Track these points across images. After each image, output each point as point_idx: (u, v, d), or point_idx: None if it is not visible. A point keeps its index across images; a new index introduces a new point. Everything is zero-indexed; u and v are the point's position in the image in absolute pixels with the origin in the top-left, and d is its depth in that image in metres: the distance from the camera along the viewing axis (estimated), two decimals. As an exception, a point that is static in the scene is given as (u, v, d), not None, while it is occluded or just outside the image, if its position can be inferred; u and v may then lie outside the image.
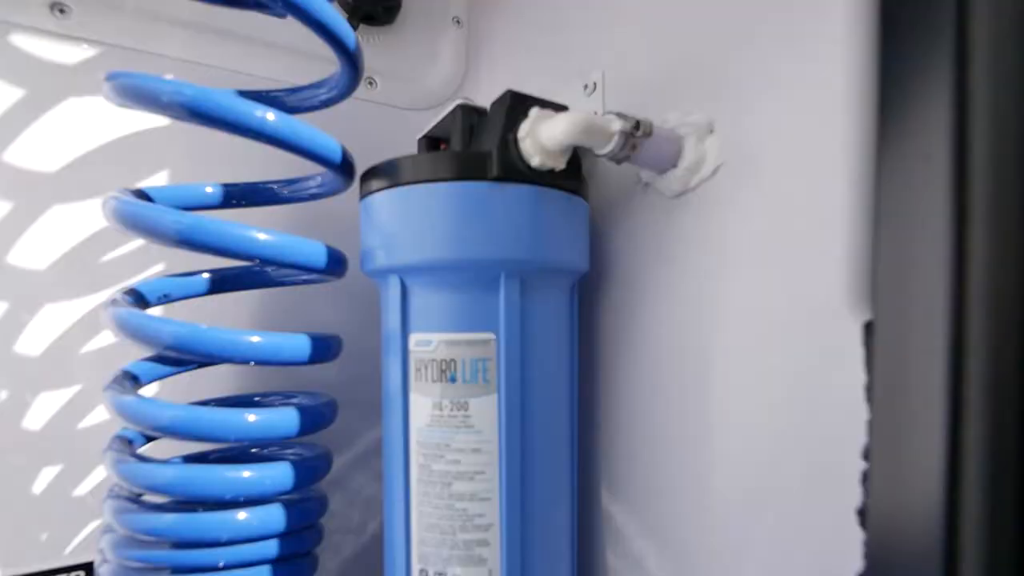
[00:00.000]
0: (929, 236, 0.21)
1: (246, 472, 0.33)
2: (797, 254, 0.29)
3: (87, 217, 0.42)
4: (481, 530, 0.31)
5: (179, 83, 0.27)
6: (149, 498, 0.34)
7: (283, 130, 0.30)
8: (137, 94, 0.27)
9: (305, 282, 0.42)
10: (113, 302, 0.32)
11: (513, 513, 0.31)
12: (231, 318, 0.47)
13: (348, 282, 0.44)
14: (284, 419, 0.34)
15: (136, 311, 0.30)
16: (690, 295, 0.34)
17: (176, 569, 0.33)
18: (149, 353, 0.35)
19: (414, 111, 0.56)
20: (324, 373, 0.49)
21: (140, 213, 0.29)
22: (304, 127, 0.31)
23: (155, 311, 0.37)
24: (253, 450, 0.42)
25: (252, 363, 0.32)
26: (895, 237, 0.22)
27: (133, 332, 0.30)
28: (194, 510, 0.33)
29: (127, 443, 0.34)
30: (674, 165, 0.34)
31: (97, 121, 0.42)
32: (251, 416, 0.33)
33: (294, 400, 0.42)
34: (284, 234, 0.32)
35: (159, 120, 0.44)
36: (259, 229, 0.30)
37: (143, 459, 0.32)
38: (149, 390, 0.41)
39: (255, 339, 0.32)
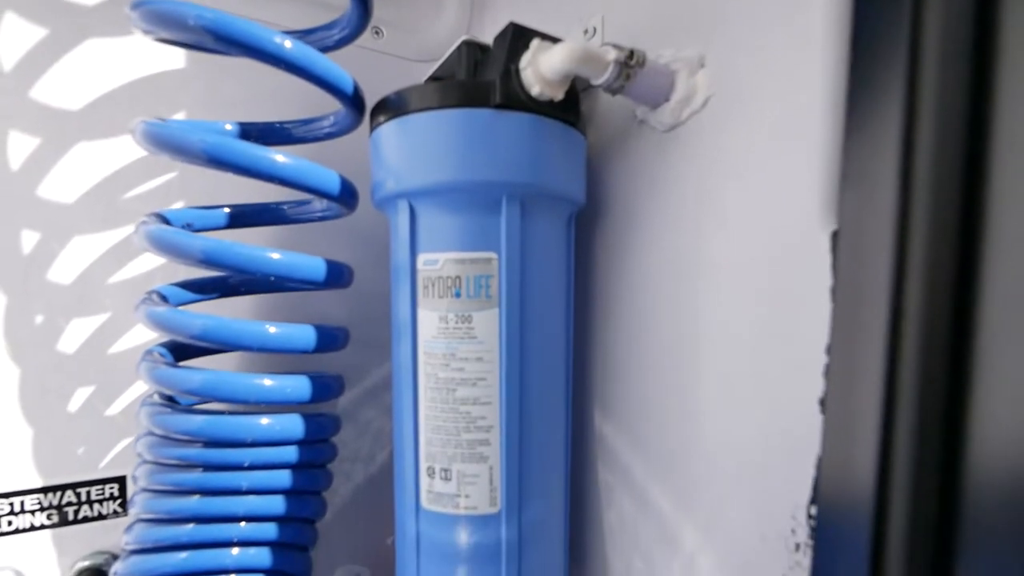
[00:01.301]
0: (883, 165, 0.24)
1: (268, 380, 0.36)
2: (777, 177, 0.31)
3: (111, 153, 0.44)
4: (483, 431, 0.35)
5: (202, 7, 0.29)
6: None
7: (299, 57, 0.32)
8: (163, 18, 0.29)
9: (321, 218, 0.44)
10: (143, 222, 0.35)
11: (512, 416, 0.35)
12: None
13: (358, 225, 0.47)
14: (302, 334, 0.37)
15: (168, 228, 0.33)
16: (680, 224, 0.37)
17: (207, 466, 0.36)
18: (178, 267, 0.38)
19: (420, 62, 0.58)
20: (336, 312, 0.52)
21: (168, 132, 0.31)
22: (319, 56, 0.33)
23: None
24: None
25: (272, 278, 0.35)
26: (857, 165, 0.25)
27: (165, 246, 0.33)
28: (221, 414, 0.36)
29: (158, 355, 0.38)
30: (667, 99, 0.36)
31: (117, 61, 0.44)
32: (271, 328, 0.35)
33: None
34: (301, 159, 0.34)
35: (177, 62, 0.46)
36: (278, 152, 0.33)
37: (175, 365, 0.35)
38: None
39: (275, 255, 0.34)
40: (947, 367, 0.23)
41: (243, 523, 0.38)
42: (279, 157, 0.33)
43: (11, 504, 0.43)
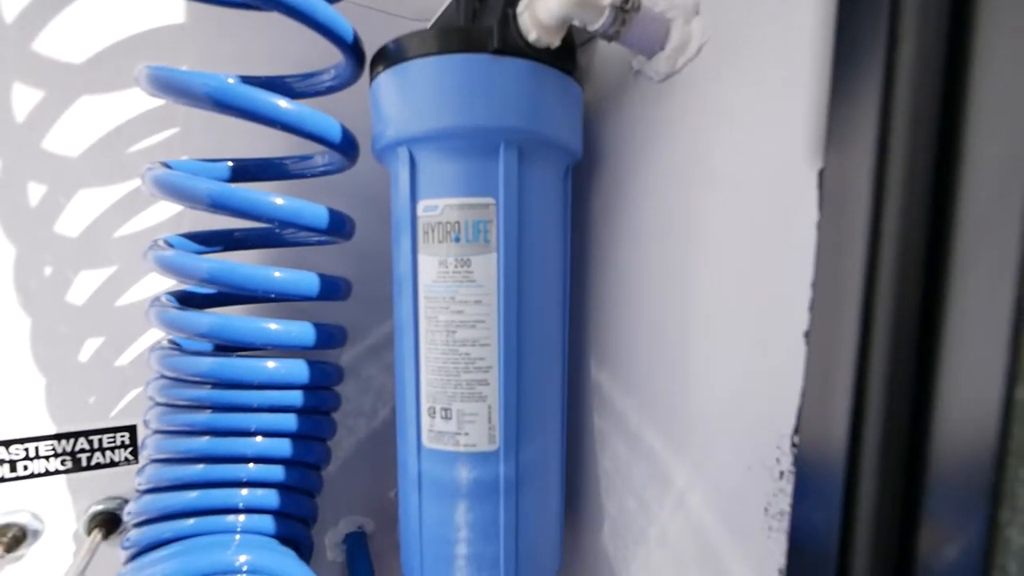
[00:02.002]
0: (864, 107, 0.25)
1: (273, 325, 0.37)
2: (768, 121, 0.32)
3: (114, 107, 0.44)
4: (481, 371, 0.36)
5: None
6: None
7: (300, 2, 0.32)
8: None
9: (323, 172, 0.45)
10: (149, 168, 0.35)
11: (510, 357, 0.36)
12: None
13: (359, 184, 0.47)
14: (306, 280, 0.38)
15: (174, 172, 0.34)
16: (674, 172, 0.38)
17: (216, 407, 0.38)
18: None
19: (418, 21, 0.58)
20: (337, 270, 0.53)
21: (173, 75, 0.32)
22: (319, 1, 0.33)
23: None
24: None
25: (276, 225, 0.36)
26: (842, 104, 0.26)
27: (172, 190, 0.33)
28: (229, 356, 0.37)
29: (166, 300, 0.39)
30: (662, 47, 0.36)
31: (118, 16, 0.44)
32: (276, 273, 0.36)
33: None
34: (302, 105, 0.35)
35: (177, 16, 0.46)
36: (280, 98, 0.33)
37: (183, 308, 0.36)
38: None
39: (279, 200, 0.35)
40: (921, 295, 0.24)
41: (252, 464, 0.40)
42: (281, 102, 0.33)
43: (26, 449, 0.44)
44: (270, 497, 0.41)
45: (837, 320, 0.27)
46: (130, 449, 0.48)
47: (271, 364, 0.38)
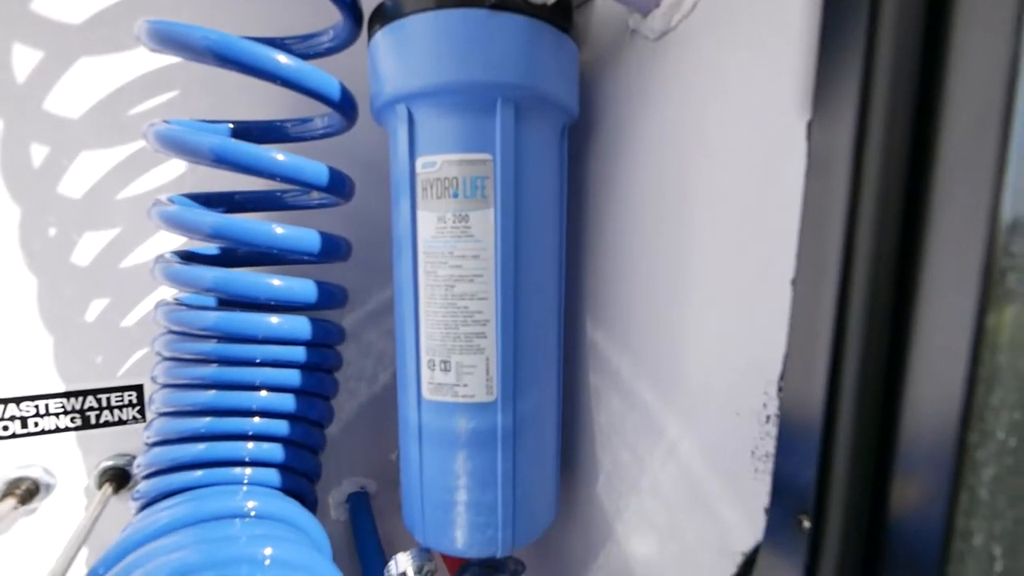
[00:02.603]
0: (849, 61, 0.25)
1: (276, 281, 0.38)
2: (760, 76, 0.33)
3: (112, 69, 0.45)
4: (479, 324, 0.37)
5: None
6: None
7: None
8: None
9: (323, 135, 0.45)
10: (151, 124, 0.36)
11: (507, 310, 0.37)
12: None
13: (359, 151, 0.48)
14: (307, 237, 0.39)
15: (177, 127, 0.34)
16: (669, 130, 0.38)
17: (221, 361, 0.39)
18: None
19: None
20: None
21: (173, 29, 0.32)
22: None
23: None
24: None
25: (278, 179, 0.36)
26: (829, 59, 0.27)
27: (175, 144, 0.34)
28: (233, 311, 0.38)
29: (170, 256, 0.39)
30: (657, 4, 0.37)
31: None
32: (278, 229, 0.37)
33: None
34: (301, 61, 0.35)
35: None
36: (280, 52, 0.34)
37: (188, 263, 0.37)
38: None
39: (280, 156, 0.36)
40: (898, 236, 0.25)
41: (257, 418, 0.41)
42: (281, 57, 0.34)
43: (36, 406, 0.45)
44: (275, 451, 0.42)
45: (820, 265, 0.28)
46: (137, 408, 0.49)
47: (274, 319, 0.39)
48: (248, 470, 0.41)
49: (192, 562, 0.31)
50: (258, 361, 0.39)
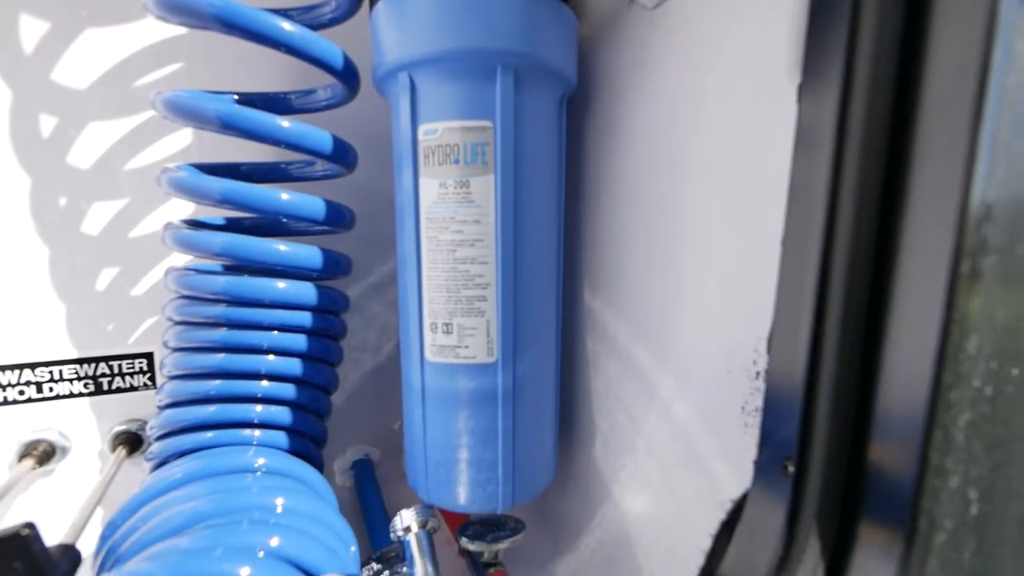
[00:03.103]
0: (835, 30, 0.26)
1: (282, 246, 0.39)
2: (754, 43, 0.33)
3: (119, 41, 0.45)
4: (480, 288, 0.38)
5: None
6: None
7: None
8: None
9: (327, 106, 0.46)
10: (158, 92, 0.37)
11: (507, 274, 0.38)
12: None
13: (361, 121, 0.48)
14: (312, 204, 0.40)
15: (184, 94, 0.35)
16: (666, 99, 0.39)
17: (230, 324, 0.40)
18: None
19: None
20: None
21: (181, -4, 0.33)
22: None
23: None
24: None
25: (283, 145, 0.37)
26: (818, 25, 0.27)
27: (182, 109, 0.35)
28: (241, 276, 0.39)
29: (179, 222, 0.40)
30: (655, -27, 0.37)
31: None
32: (284, 195, 0.38)
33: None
34: (304, 28, 0.36)
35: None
36: (284, 19, 0.35)
37: (197, 228, 0.38)
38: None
39: (285, 123, 0.37)
40: (880, 192, 0.27)
41: (265, 381, 0.43)
42: (285, 24, 0.34)
43: (50, 372, 0.47)
44: (283, 414, 0.44)
45: (806, 226, 0.29)
46: (148, 375, 0.50)
47: (281, 284, 0.40)
48: (257, 432, 0.43)
49: (206, 510, 0.33)
50: (266, 325, 0.40)
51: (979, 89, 0.22)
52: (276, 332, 0.41)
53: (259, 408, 0.43)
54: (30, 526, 0.28)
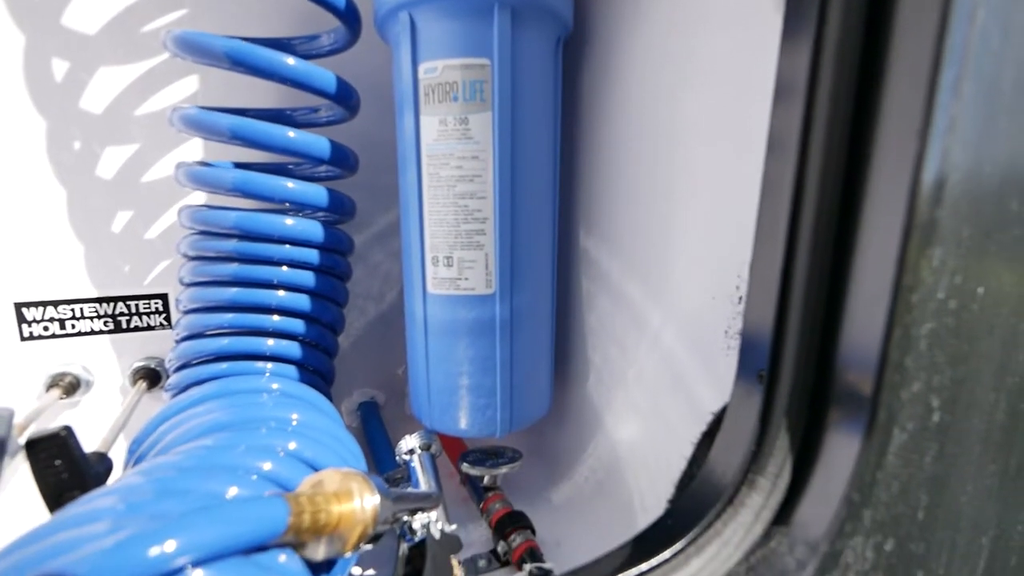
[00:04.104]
0: None
1: (291, 183, 0.41)
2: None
3: (127, -14, 0.46)
4: (479, 222, 0.40)
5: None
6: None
7: None
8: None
9: (329, 52, 0.47)
10: (168, 31, 0.38)
11: (504, 209, 0.40)
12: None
13: (363, 76, 0.49)
14: (318, 143, 0.41)
15: (194, 31, 0.37)
16: (659, 44, 0.40)
17: (242, 259, 0.42)
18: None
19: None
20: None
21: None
22: None
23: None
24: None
25: (288, 83, 0.39)
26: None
27: (191, 47, 0.36)
28: (252, 212, 0.41)
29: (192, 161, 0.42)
30: (650, -90, 0.38)
31: None
32: (291, 132, 0.40)
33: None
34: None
35: None
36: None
37: (208, 165, 0.40)
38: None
39: (290, 60, 0.38)
40: (849, 124, 0.28)
41: (276, 316, 0.45)
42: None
43: (72, 310, 0.49)
44: (293, 348, 0.46)
45: (783, 157, 0.30)
46: (163, 315, 0.53)
47: (289, 221, 0.42)
48: (269, 364, 0.45)
49: (224, 421, 0.35)
50: (275, 260, 0.43)
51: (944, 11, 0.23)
52: (285, 268, 0.44)
53: (271, 342, 0.45)
54: (67, 429, 0.31)
